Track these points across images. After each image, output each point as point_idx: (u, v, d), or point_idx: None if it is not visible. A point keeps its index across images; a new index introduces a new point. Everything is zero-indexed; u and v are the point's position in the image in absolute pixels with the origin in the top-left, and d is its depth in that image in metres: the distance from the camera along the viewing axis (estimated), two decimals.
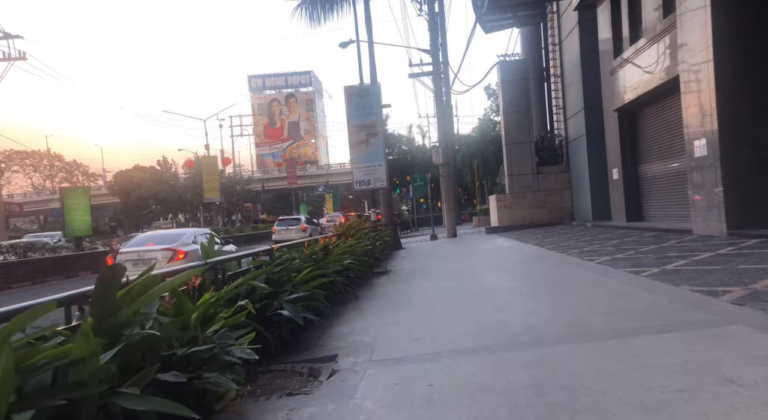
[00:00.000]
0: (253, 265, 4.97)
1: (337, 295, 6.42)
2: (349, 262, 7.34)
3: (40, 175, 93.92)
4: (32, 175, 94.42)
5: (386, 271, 10.42)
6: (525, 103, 20.07)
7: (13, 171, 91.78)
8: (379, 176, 14.04)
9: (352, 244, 8.24)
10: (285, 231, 25.28)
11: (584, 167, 17.99)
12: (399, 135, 57.34)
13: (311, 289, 5.06)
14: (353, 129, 14.29)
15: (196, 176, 58.93)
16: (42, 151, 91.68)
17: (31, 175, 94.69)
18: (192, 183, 56.82)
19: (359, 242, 9.41)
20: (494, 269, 8.70)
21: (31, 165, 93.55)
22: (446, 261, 11.33)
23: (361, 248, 8.40)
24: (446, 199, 21.13)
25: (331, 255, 6.63)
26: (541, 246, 11.58)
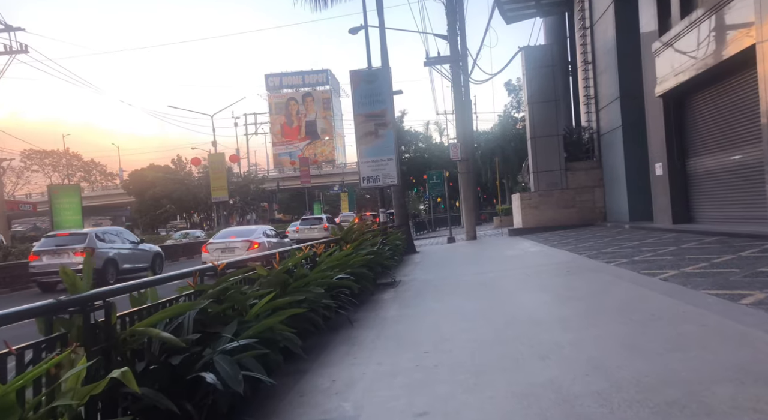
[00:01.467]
0: (185, 294, 3.42)
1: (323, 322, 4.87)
2: (342, 277, 5.77)
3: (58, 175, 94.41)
4: (51, 174, 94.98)
5: (394, 282, 8.84)
6: (552, 92, 18.28)
7: (33, 170, 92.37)
8: (389, 172, 12.45)
9: (347, 254, 6.67)
10: (308, 230, 25.93)
11: (619, 162, 16.15)
12: (416, 132, 55.67)
13: (273, 326, 3.50)
14: (360, 119, 12.71)
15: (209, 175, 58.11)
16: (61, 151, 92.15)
17: (51, 175, 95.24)
18: (205, 182, 55.87)
19: (361, 249, 7.84)
20: (526, 284, 7.05)
21: (50, 164, 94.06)
22: (465, 270, 9.70)
23: (360, 258, 6.82)
24: (465, 198, 19.44)
25: (315, 270, 5.06)
26: (577, 253, 9.87)
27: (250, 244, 13.72)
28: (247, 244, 13.72)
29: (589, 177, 18.28)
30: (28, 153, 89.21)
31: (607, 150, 17.42)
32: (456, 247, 16.27)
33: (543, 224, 18.03)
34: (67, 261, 12.45)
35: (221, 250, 13.56)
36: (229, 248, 13.61)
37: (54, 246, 13.23)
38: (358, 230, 8.46)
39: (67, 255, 12.88)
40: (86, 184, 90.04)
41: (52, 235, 14.20)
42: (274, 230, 16.75)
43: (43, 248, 13.29)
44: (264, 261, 4.93)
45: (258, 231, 14.90)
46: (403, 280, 8.98)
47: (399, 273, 10.17)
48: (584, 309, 4.94)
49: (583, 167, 18.47)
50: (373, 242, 8.83)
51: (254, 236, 14.29)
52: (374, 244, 9.12)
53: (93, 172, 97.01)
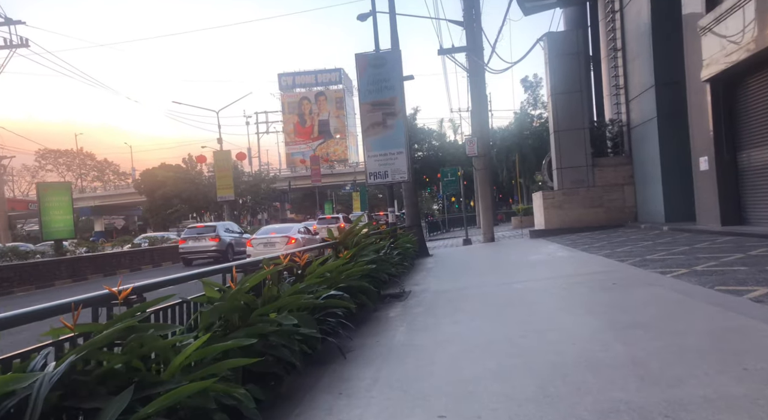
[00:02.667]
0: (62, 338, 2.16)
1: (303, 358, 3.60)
2: (333, 294, 4.49)
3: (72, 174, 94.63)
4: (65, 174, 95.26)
5: (403, 293, 7.54)
6: (578, 81, 16.80)
7: (47, 170, 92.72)
8: (399, 167, 11.12)
9: (343, 263, 5.38)
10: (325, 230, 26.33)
11: (654, 157, 14.65)
12: (429, 129, 54.20)
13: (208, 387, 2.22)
14: (366, 108, 11.41)
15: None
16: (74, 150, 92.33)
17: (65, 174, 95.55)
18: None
19: (362, 256, 6.55)
20: (565, 302, 5.69)
21: (64, 164, 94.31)
22: (486, 279, 8.35)
23: (359, 268, 5.53)
24: (482, 197, 18.06)
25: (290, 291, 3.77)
26: (617, 259, 8.47)
27: (288, 239, 15.84)
28: (286, 239, 15.83)
29: (618, 174, 16.78)
30: (43, 152, 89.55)
31: (639, 144, 15.91)
32: (473, 250, 14.90)
33: (567, 225, 16.58)
34: (204, 244, 18.52)
35: (264, 245, 15.93)
36: (270, 243, 15.91)
37: (195, 234, 19.06)
38: (359, 233, 7.17)
39: (204, 240, 18.60)
40: (99, 183, 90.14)
41: (193, 226, 20.53)
42: (306, 228, 18.95)
43: (188, 236, 19.25)
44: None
45: (294, 228, 17.50)
46: (414, 291, 7.68)
47: (409, 281, 8.86)
48: (661, 347, 3.57)
49: (612, 163, 16.98)
50: (378, 247, 7.53)
51: (291, 232, 16.62)
52: (379, 248, 7.82)
53: (106, 171, 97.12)
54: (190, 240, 18.86)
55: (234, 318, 3.24)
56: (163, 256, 21.17)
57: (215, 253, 18.33)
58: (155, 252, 20.68)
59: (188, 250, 18.71)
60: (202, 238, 18.63)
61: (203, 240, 18.56)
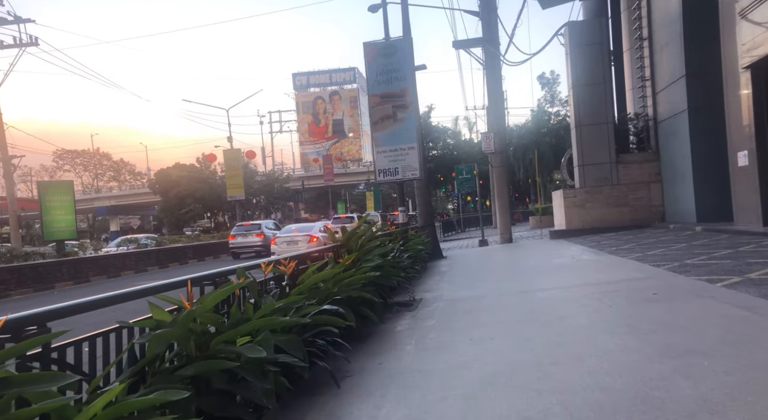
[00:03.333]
0: None
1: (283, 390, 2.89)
2: (324, 310, 3.78)
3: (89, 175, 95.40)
4: (82, 174, 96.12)
5: (412, 302, 6.80)
6: (601, 73, 15.87)
7: (65, 170, 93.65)
8: (410, 163, 10.36)
9: (340, 271, 4.66)
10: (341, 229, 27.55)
11: (683, 153, 13.71)
12: (444, 128, 53.31)
13: None
14: (375, 100, 10.66)
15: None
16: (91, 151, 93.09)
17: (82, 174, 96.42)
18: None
19: (367, 261, 5.83)
20: (600, 316, 4.89)
21: (81, 164, 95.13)
22: (506, 285, 7.56)
23: (360, 275, 4.80)
24: (499, 195, 17.23)
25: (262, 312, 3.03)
26: (651, 263, 7.63)
27: (309, 238, 16.34)
28: (308, 237, 16.32)
29: (644, 171, 15.83)
30: (60, 153, 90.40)
31: (667, 139, 14.96)
32: (490, 252, 14.10)
33: (590, 225, 15.69)
34: (251, 239, 20.61)
35: (287, 243, 16.55)
36: (293, 241, 16.47)
37: (243, 231, 21.30)
38: (363, 235, 6.44)
39: (251, 236, 20.77)
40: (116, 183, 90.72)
41: (241, 224, 22.81)
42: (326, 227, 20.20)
43: (237, 232, 21.44)
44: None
45: (315, 227, 18.06)
46: (425, 300, 6.94)
47: (421, 287, 8.12)
48: (739, 385, 2.78)
49: (637, 160, 16.03)
50: (385, 250, 6.79)
51: (313, 231, 17.15)
52: (387, 252, 7.09)
53: (122, 171, 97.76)
54: (239, 236, 21.11)
55: (189, 347, 2.54)
56: (171, 257, 20.67)
57: (260, 247, 20.09)
58: (162, 253, 20.18)
59: (237, 245, 20.95)
60: (249, 235, 20.93)
61: (250, 236, 20.79)
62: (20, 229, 28.01)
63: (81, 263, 15.32)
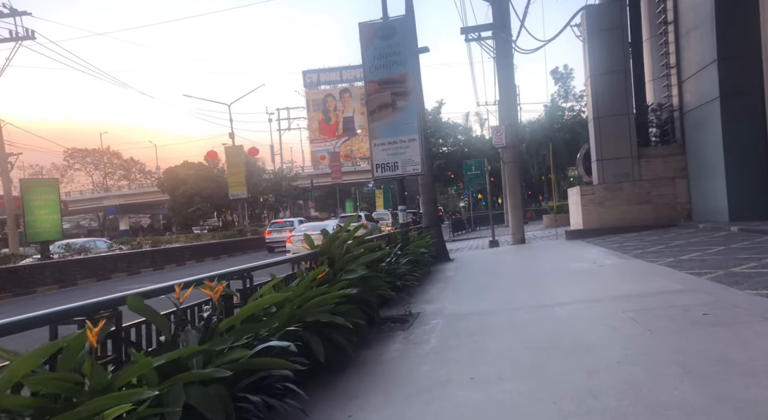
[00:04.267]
0: None
1: None
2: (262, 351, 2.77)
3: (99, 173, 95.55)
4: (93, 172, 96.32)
5: (408, 317, 5.79)
6: (620, 60, 14.67)
7: (76, 169, 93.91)
8: (411, 157, 9.32)
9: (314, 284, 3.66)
10: None
11: (714, 146, 12.51)
12: (454, 123, 52.14)
13: None
14: (372, 87, 9.61)
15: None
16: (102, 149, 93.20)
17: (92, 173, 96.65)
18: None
19: (350, 271, 4.82)
20: (639, 345, 3.82)
21: (92, 163, 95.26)
22: (517, 296, 6.50)
23: (333, 294, 3.78)
24: (510, 193, 16.12)
25: (130, 373, 2.03)
26: (688, 271, 6.53)
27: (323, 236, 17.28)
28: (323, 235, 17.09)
29: (668, 166, 14.63)
30: (71, 152, 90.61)
31: (695, 131, 13.75)
32: (501, 254, 13.02)
33: (609, 224, 14.53)
34: (285, 235, 21.02)
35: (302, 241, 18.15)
36: None
37: (278, 227, 23.69)
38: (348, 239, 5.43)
39: (285, 232, 21.80)
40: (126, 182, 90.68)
41: (275, 222, 25.82)
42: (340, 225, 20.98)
43: (273, 229, 24.03)
44: None
45: (330, 225, 18.09)
46: (424, 313, 5.92)
47: (420, 297, 7.09)
48: None
49: (661, 154, 14.83)
50: (372, 259, 5.77)
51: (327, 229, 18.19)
52: (378, 259, 6.07)
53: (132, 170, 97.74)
54: (274, 232, 23.45)
55: None
56: (168, 258, 19.83)
57: None
58: (157, 254, 19.34)
59: (273, 240, 23.06)
60: (283, 230, 22.76)
61: (284, 232, 22.32)
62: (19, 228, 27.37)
63: (67, 266, 14.49)
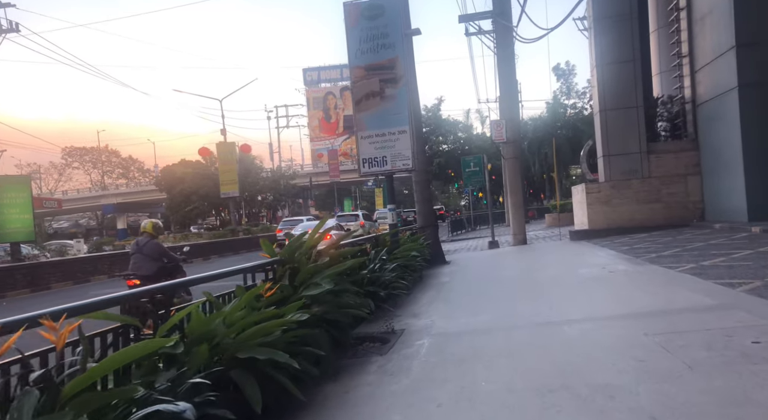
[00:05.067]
0: None
1: None
2: None
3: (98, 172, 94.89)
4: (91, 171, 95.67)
5: (389, 335, 4.91)
6: (630, 49, 13.74)
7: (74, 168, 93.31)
8: (401, 151, 8.41)
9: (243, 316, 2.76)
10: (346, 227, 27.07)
11: (731, 139, 11.59)
12: (455, 121, 51.11)
13: None
14: (359, 73, 8.70)
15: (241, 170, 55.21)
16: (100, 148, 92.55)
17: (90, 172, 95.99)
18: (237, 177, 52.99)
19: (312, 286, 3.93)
20: (674, 385, 2.92)
21: (90, 161, 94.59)
22: (518, 310, 5.60)
23: (273, 324, 2.89)
24: (511, 191, 15.22)
25: None
26: (717, 281, 5.63)
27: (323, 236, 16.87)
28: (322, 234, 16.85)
29: (680, 162, 13.71)
30: (69, 150, 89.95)
31: (709, 124, 12.84)
32: (501, 257, 12.12)
33: (616, 224, 13.63)
34: None
35: None
36: None
37: (289, 225, 23.72)
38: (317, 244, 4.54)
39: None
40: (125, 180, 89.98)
41: (288, 219, 26.26)
42: (339, 224, 19.91)
43: (284, 227, 24.30)
44: None
45: (329, 223, 17.84)
46: (408, 331, 5.04)
47: (407, 309, 6.20)
48: None
49: (672, 149, 13.91)
50: (351, 266, 4.88)
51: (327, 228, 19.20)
52: (356, 267, 5.19)
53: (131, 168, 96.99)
54: (284, 230, 23.58)
55: None
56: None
57: None
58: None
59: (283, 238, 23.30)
60: (293, 229, 22.91)
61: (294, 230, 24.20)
62: None
63: (40, 269, 13.62)
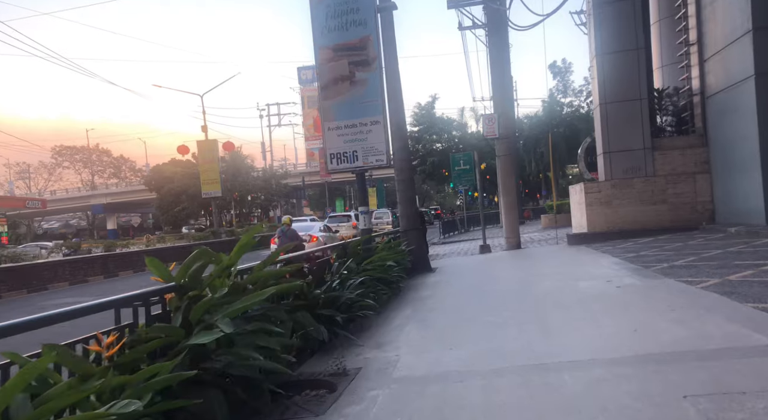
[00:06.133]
0: None
1: None
2: None
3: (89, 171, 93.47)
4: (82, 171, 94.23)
5: (336, 379, 3.74)
6: (633, 37, 12.61)
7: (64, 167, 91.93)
8: (374, 145, 7.20)
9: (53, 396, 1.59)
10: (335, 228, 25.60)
11: (746, 133, 10.47)
12: (449, 119, 49.92)
13: None
14: (325, 54, 7.49)
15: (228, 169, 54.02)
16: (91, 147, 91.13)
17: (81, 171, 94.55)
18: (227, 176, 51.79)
19: (200, 333, 2.76)
20: None
21: (81, 161, 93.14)
22: (508, 341, 4.42)
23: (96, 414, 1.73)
24: (504, 191, 14.08)
25: None
26: (757, 304, 4.49)
27: (310, 238, 15.79)
28: (308, 237, 15.75)
29: (688, 159, 12.60)
30: (59, 149, 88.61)
31: (720, 118, 11.72)
32: (491, 264, 10.97)
33: (618, 227, 12.51)
34: None
35: None
36: None
37: None
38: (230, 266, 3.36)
39: None
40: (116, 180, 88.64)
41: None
42: (327, 226, 19.71)
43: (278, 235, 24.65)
44: None
45: (316, 227, 18.08)
46: (364, 372, 3.88)
47: (373, 333, 5.05)
48: None
49: (678, 145, 12.79)
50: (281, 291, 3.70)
51: (313, 231, 17.15)
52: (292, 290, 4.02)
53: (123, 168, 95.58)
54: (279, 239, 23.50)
55: None
56: (124, 264, 17.71)
57: None
58: (109, 259, 17.21)
59: None
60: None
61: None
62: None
63: None
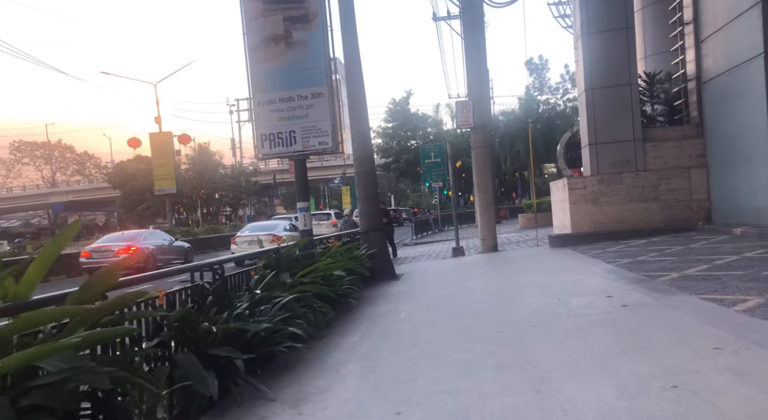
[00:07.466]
0: None
1: None
2: None
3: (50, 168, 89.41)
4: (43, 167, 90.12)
5: None
6: (622, 15, 11.30)
7: (24, 163, 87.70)
8: (316, 123, 5.61)
9: None
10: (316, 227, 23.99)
11: (754, 123, 9.23)
12: (423, 115, 48.55)
13: None
14: (253, 8, 5.87)
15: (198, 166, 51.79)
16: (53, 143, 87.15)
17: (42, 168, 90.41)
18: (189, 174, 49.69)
19: None
20: None
21: (42, 157, 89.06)
22: (485, 397, 2.93)
23: None
24: (480, 187, 12.67)
25: None
26: None
27: (273, 237, 15.29)
28: (271, 236, 15.03)
29: (682, 151, 11.36)
30: (18, 145, 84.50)
31: (720, 105, 10.48)
32: (464, 271, 9.51)
33: (605, 227, 11.20)
34: None
35: (248, 243, 15.60)
36: (255, 241, 15.70)
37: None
38: None
39: None
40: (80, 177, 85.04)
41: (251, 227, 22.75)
42: (293, 225, 18.83)
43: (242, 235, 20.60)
44: None
45: (280, 226, 17.06)
46: None
47: (292, 383, 3.47)
48: None
49: (672, 136, 11.54)
50: (119, 336, 2.09)
51: (277, 230, 16.34)
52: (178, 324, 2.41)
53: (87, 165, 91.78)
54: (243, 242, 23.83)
55: None
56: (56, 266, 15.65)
57: None
58: None
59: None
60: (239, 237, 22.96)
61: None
62: None
63: None
